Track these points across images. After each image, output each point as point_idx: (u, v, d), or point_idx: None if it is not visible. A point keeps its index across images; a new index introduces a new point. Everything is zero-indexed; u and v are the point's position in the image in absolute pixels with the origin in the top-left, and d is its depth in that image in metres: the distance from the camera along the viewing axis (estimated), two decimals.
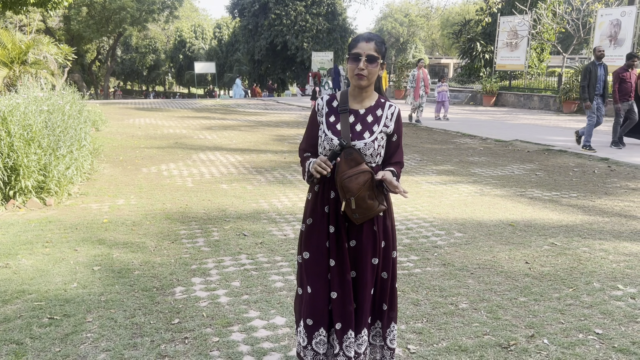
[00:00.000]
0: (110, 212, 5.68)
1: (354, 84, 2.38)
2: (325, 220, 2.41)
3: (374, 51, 2.31)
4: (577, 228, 5.29)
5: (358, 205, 2.28)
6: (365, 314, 2.45)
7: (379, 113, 2.42)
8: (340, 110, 2.41)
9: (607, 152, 9.48)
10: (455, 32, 27.83)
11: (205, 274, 4.04)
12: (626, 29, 16.61)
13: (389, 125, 2.42)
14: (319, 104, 2.49)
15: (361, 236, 2.39)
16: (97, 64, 50.24)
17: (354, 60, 2.33)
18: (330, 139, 2.37)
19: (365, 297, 2.43)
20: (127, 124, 14.00)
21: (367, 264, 2.40)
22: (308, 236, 2.45)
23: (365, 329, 2.46)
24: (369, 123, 2.40)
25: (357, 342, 2.46)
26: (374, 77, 2.36)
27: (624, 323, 3.30)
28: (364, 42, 2.32)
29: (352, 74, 2.34)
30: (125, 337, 3.07)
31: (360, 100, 2.43)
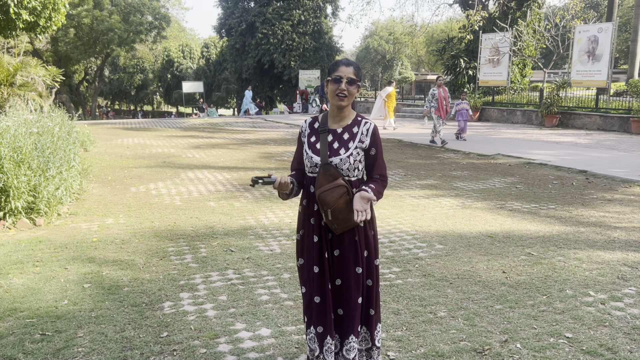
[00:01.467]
0: (100, 231, 5.78)
1: (335, 104, 2.60)
2: (311, 229, 2.64)
3: (353, 74, 2.57)
4: (554, 238, 5.48)
5: (334, 216, 2.50)
6: (353, 321, 2.63)
7: (355, 130, 2.63)
8: (320, 131, 2.64)
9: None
10: (439, 49, 28.34)
11: (193, 289, 4.16)
12: (603, 45, 17.10)
13: (364, 141, 2.61)
14: (303, 126, 2.73)
15: (343, 246, 2.60)
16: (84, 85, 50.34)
17: (335, 82, 2.56)
18: (310, 157, 2.63)
19: (351, 304, 2.62)
20: (115, 144, 14.11)
21: (351, 272, 2.60)
22: (301, 245, 2.73)
23: (354, 335, 2.64)
24: (345, 140, 2.61)
25: (346, 348, 2.64)
26: (352, 97, 2.60)
27: (593, 327, 3.47)
28: (344, 66, 2.58)
29: (334, 94, 2.58)
30: (116, 350, 3.19)
31: (339, 120, 2.66)
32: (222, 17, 37.51)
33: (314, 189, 2.59)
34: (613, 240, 5.39)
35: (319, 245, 2.63)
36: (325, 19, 37.32)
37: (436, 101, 13.06)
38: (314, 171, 2.62)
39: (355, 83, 2.57)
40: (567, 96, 18.96)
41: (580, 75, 17.94)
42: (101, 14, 34.92)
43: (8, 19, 11.82)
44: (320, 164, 2.57)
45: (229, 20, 36.57)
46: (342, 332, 2.68)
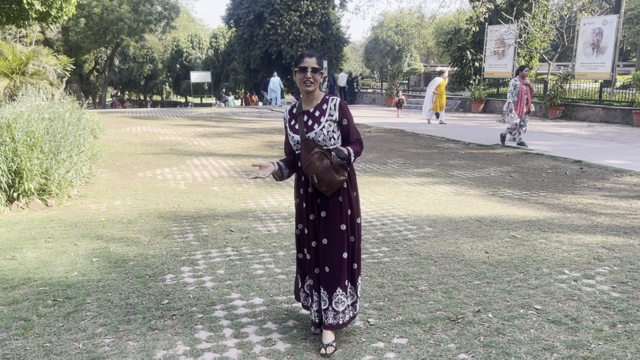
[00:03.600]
0: (108, 212, 6.10)
1: (303, 90, 3.05)
2: (301, 198, 3.12)
3: (316, 64, 3.00)
4: (539, 223, 5.73)
5: (320, 179, 2.92)
6: (340, 276, 3.04)
7: (324, 107, 3.08)
8: (297, 114, 3.10)
9: None
10: (446, 41, 28.42)
11: (194, 264, 4.46)
12: (608, 37, 17.16)
13: (333, 114, 3.05)
14: (284, 115, 3.19)
15: (329, 207, 3.02)
16: (95, 74, 50.78)
17: (302, 72, 3.00)
18: (292, 136, 3.11)
19: (335, 260, 3.03)
20: (124, 131, 14.44)
21: (336, 229, 3.02)
22: (299, 212, 3.17)
23: (340, 288, 3.04)
24: (316, 117, 3.06)
25: (334, 301, 3.03)
26: (317, 83, 3.04)
27: (562, 301, 3.73)
28: (307, 57, 3.01)
29: (301, 82, 3.02)
30: (120, 314, 3.50)
31: (310, 102, 3.10)
32: (231, 8, 37.71)
33: (301, 162, 3.02)
34: (596, 225, 5.63)
35: (306, 210, 3.08)
36: (333, 9, 37.39)
37: (517, 95, 11.06)
38: (297, 148, 3.08)
39: (318, 71, 3.01)
40: (572, 88, 19.04)
41: (584, 68, 18.02)
42: (111, 3, 35.22)
43: (21, 9, 12.15)
44: (300, 140, 3.00)
45: (237, 10, 36.76)
46: (328, 286, 3.04)
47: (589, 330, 3.28)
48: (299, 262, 3.24)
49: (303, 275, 3.23)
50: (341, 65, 39.46)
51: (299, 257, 3.23)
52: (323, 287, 3.05)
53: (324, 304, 3.05)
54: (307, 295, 3.24)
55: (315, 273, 3.08)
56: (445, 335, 3.22)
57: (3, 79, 13.47)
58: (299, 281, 3.27)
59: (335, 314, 3.03)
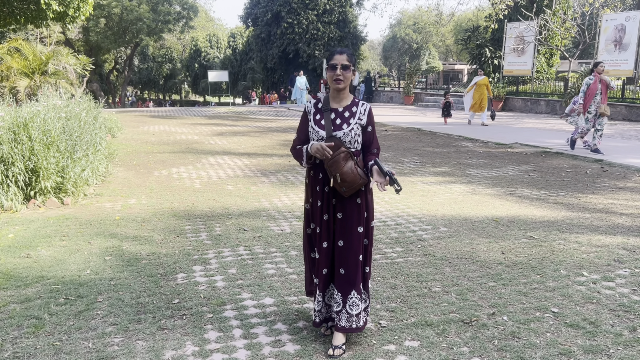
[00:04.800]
0: (122, 211, 6.13)
1: (333, 87, 2.98)
2: (317, 197, 3.03)
3: (347, 61, 2.93)
4: (558, 223, 5.60)
5: (343, 179, 2.86)
6: (355, 278, 3.00)
7: (354, 109, 3.02)
8: (324, 110, 3.02)
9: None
10: (465, 39, 28.09)
11: (206, 263, 4.45)
12: (631, 34, 16.79)
13: (362, 119, 3.01)
14: (308, 106, 3.10)
15: (346, 208, 2.96)
16: (114, 74, 51.39)
17: (332, 69, 2.93)
18: (317, 131, 3.01)
19: (352, 263, 2.98)
20: (141, 130, 14.56)
21: (354, 232, 2.97)
22: (312, 212, 3.08)
23: (355, 291, 3.00)
24: (346, 117, 2.99)
25: (349, 304, 2.99)
26: (348, 81, 2.96)
27: (580, 304, 3.63)
28: (338, 55, 2.96)
29: (331, 79, 2.95)
30: (131, 313, 3.49)
31: (339, 100, 3.03)
32: (249, 7, 37.83)
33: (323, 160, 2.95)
34: (616, 226, 5.48)
35: (320, 209, 3.01)
36: (350, 8, 37.24)
37: (584, 93, 9.79)
38: None
39: (348, 68, 2.93)
40: None
41: (606, 65, 17.60)
42: (130, 3, 35.58)
43: (39, 9, 12.31)
44: (326, 136, 2.94)
45: (255, 9, 36.86)
46: (343, 289, 3.00)
47: (607, 335, 3.17)
48: (313, 262, 3.18)
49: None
50: (359, 64, 39.32)
51: (311, 256, 3.18)
52: (337, 289, 3.01)
53: (337, 305, 3.01)
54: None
55: (323, 273, 3.03)
56: (458, 339, 3.15)
57: (24, 78, 13.69)
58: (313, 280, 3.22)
59: (348, 317, 2.99)
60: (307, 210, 3.13)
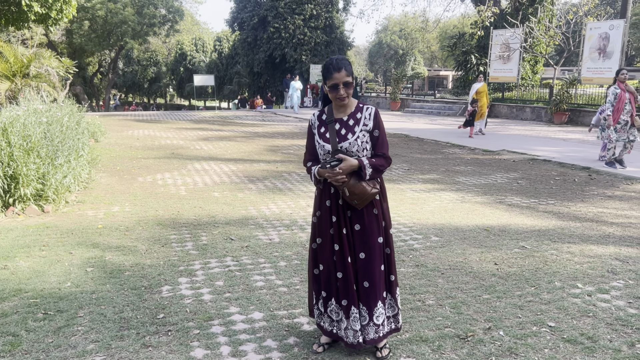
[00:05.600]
0: (105, 219, 5.95)
1: (338, 104, 2.89)
2: (328, 211, 2.92)
3: (346, 77, 2.80)
4: (549, 232, 5.55)
5: (352, 192, 2.77)
6: (379, 290, 2.91)
7: (359, 116, 2.91)
8: (328, 121, 2.91)
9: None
10: (451, 45, 28.25)
11: (192, 274, 4.30)
12: (614, 42, 16.98)
13: (367, 124, 2.89)
14: (312, 119, 3.00)
15: (364, 220, 2.86)
16: (98, 77, 50.79)
17: (334, 89, 2.81)
18: (322, 145, 2.92)
19: (376, 275, 2.89)
20: (125, 135, 14.32)
21: (375, 244, 2.88)
22: (319, 225, 2.96)
23: (380, 302, 2.92)
24: (350, 126, 2.88)
25: (375, 315, 2.91)
26: (351, 95, 2.87)
27: (577, 317, 3.56)
28: (336, 72, 2.80)
29: (334, 98, 2.85)
30: (114, 329, 3.34)
31: (343, 110, 2.94)
32: (235, 11, 37.67)
33: None
34: (608, 235, 5.44)
35: (338, 224, 2.89)
36: (337, 13, 37.30)
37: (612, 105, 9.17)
38: (326, 157, 2.89)
39: (350, 84, 2.82)
40: (577, 93, 18.84)
41: (590, 73, 17.83)
42: (115, 6, 35.20)
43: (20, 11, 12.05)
44: (331, 150, 2.85)
45: (241, 14, 36.72)
46: (369, 302, 2.92)
47: (606, 351, 3.10)
48: (315, 278, 3.05)
49: (318, 292, 3.04)
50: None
51: (314, 272, 3.05)
52: (362, 303, 2.92)
53: (363, 319, 2.93)
54: (320, 313, 3.05)
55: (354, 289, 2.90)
56: (455, 355, 3.05)
57: (4, 81, 13.38)
58: (314, 297, 3.09)
59: (376, 328, 2.93)
60: (314, 223, 3.01)
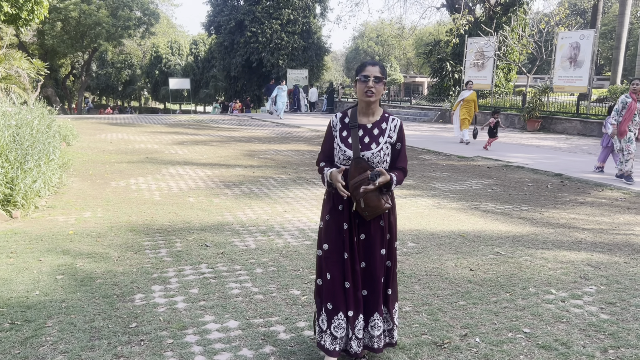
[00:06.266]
0: (76, 224, 5.81)
1: (364, 100, 2.79)
2: (340, 216, 2.84)
3: (379, 73, 2.77)
4: (523, 238, 5.62)
5: (366, 204, 2.71)
6: (377, 300, 2.86)
7: (384, 126, 2.84)
8: (351, 126, 2.82)
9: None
10: (427, 52, 28.56)
11: (165, 282, 4.22)
12: (585, 52, 17.38)
13: (392, 136, 2.85)
14: (333, 120, 2.91)
15: (370, 230, 2.82)
16: (71, 79, 49.87)
17: (363, 80, 2.76)
18: (343, 150, 2.82)
19: (376, 285, 2.85)
20: (98, 138, 14.06)
21: (377, 254, 2.83)
22: (327, 230, 2.88)
23: (378, 313, 2.87)
24: (375, 135, 2.81)
25: (371, 325, 2.86)
26: (380, 94, 2.79)
27: (551, 323, 3.59)
28: (370, 66, 2.78)
29: (362, 92, 2.77)
30: (84, 340, 3.24)
31: (368, 116, 2.85)
32: (212, 15, 37.46)
33: (347, 180, 2.77)
34: (580, 242, 5.54)
35: (349, 231, 2.82)
36: (314, 18, 37.42)
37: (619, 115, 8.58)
38: (346, 163, 2.82)
39: (381, 81, 2.77)
40: (550, 101, 19.23)
41: (562, 81, 18.22)
42: (89, 7, 34.64)
43: None
44: (353, 157, 2.77)
45: (218, 17, 36.52)
46: (366, 311, 2.88)
47: (580, 357, 3.13)
48: (318, 290, 2.96)
49: (321, 305, 2.95)
50: (322, 74, 39.45)
51: (317, 283, 2.96)
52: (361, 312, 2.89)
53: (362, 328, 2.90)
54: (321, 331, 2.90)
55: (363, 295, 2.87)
56: None
57: None
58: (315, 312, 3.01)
59: (370, 337, 2.89)
60: (321, 229, 2.93)
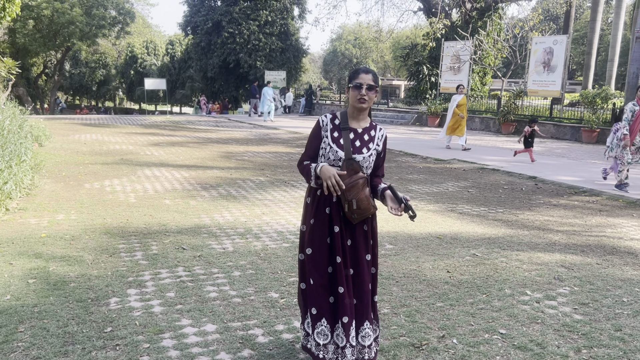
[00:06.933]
0: (49, 227, 5.68)
1: (356, 107, 2.80)
2: (327, 220, 2.80)
3: (372, 81, 2.78)
4: (499, 240, 5.70)
5: (358, 206, 2.69)
6: (367, 308, 2.82)
7: (373, 134, 2.86)
8: (342, 128, 2.81)
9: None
10: (404, 56, 28.81)
11: (141, 286, 4.15)
12: (558, 57, 17.75)
13: (379, 145, 2.89)
14: (324, 121, 2.87)
15: (355, 235, 2.80)
16: (43, 78, 48.86)
17: (356, 88, 2.76)
18: (335, 150, 2.80)
19: (365, 291, 2.81)
20: (72, 139, 13.80)
21: (363, 260, 2.82)
22: (311, 235, 2.83)
23: (368, 322, 2.83)
24: (365, 141, 2.83)
25: (361, 335, 2.81)
26: (372, 102, 2.80)
27: (526, 324, 3.65)
28: (363, 74, 2.79)
29: (355, 99, 2.78)
30: (57, 345, 3.17)
31: (358, 121, 2.86)
32: (188, 15, 37.13)
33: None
34: (554, 243, 5.64)
35: (341, 235, 2.78)
36: (292, 20, 37.41)
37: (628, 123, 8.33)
38: (335, 164, 2.80)
39: (374, 89, 2.78)
40: (524, 105, 19.58)
41: (536, 85, 18.57)
42: (62, 6, 33.97)
43: None
44: (344, 158, 2.77)
45: (194, 18, 36.23)
46: (356, 319, 2.82)
47: (554, 357, 3.18)
48: (302, 294, 2.94)
49: (306, 310, 2.93)
50: (300, 76, 39.43)
51: (301, 287, 2.94)
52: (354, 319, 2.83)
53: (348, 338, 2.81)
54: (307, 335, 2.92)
55: (353, 303, 2.80)
56: None
57: None
58: (301, 316, 3.01)
59: (361, 349, 2.82)
60: (303, 232, 2.89)
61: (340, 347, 2.77)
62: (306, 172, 2.84)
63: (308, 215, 2.87)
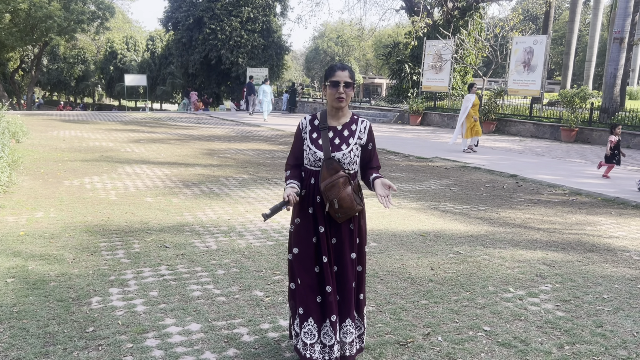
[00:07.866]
0: (28, 225, 5.57)
1: (334, 106, 2.79)
2: (311, 220, 2.81)
3: (349, 78, 2.77)
4: (481, 238, 5.75)
5: (340, 205, 2.67)
6: (350, 305, 2.82)
7: (354, 128, 2.84)
8: (321, 128, 2.81)
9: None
10: (386, 54, 28.89)
11: (124, 285, 4.09)
12: (538, 56, 17.98)
13: (362, 138, 2.85)
14: (303, 123, 2.89)
15: (340, 234, 2.79)
16: (20, 73, 47.89)
17: (334, 86, 2.75)
18: (314, 152, 2.81)
19: (347, 289, 2.80)
20: (50, 136, 13.56)
21: (347, 258, 2.80)
22: (297, 234, 2.85)
23: (350, 319, 2.83)
24: (345, 137, 2.81)
25: (342, 331, 2.81)
26: (350, 98, 2.79)
27: (510, 321, 3.68)
28: (339, 71, 2.77)
29: (333, 97, 2.78)
30: (37, 345, 3.10)
31: (337, 118, 2.85)
32: (169, 10, 36.73)
33: (318, 181, 2.76)
34: (535, 241, 5.71)
35: (326, 234, 2.78)
36: (275, 17, 37.26)
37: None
38: (316, 165, 2.81)
39: (351, 85, 2.78)
40: (504, 104, 19.79)
41: (516, 84, 18.78)
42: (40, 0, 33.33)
43: None
44: (323, 158, 2.75)
45: (175, 13, 35.85)
46: (339, 316, 2.82)
47: (538, 353, 3.22)
48: (291, 294, 2.93)
49: (295, 309, 2.92)
50: (282, 73, 39.30)
51: (290, 287, 2.93)
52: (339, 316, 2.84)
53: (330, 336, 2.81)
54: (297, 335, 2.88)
55: (337, 300, 2.81)
56: None
57: None
58: (290, 316, 2.99)
59: (342, 345, 2.82)
60: (291, 232, 2.90)
61: (327, 346, 2.78)
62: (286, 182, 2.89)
63: (294, 215, 2.89)
